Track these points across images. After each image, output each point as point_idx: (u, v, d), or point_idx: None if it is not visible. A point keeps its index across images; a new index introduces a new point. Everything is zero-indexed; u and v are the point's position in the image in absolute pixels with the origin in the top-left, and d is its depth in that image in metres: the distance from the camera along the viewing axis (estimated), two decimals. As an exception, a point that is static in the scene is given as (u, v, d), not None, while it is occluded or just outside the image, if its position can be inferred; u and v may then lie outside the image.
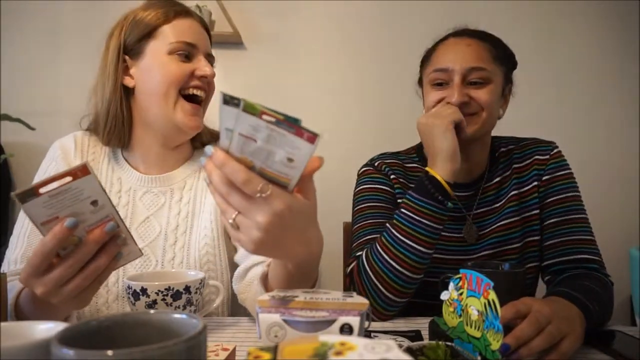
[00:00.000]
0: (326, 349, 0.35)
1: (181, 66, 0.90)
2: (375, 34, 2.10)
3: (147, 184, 0.97)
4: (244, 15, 2.07)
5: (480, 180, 1.03)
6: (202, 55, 0.93)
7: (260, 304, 0.54)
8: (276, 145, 0.49)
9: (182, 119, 0.91)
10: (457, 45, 0.96)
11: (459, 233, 1.00)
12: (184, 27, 0.92)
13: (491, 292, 0.59)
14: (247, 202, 0.51)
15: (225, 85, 2.08)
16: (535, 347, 0.60)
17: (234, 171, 0.49)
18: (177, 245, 0.94)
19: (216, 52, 1.31)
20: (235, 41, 2.07)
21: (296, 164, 0.50)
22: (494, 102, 0.95)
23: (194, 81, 0.91)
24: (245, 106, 0.47)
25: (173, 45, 0.90)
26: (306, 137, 0.48)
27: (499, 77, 0.96)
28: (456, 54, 0.94)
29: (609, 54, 2.07)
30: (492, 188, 1.03)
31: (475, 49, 0.95)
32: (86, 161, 0.56)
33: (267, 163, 0.51)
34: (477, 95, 0.93)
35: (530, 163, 1.02)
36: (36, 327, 0.48)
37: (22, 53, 2.07)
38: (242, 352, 0.68)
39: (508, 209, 1.00)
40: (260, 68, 2.10)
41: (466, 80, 0.94)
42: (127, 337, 0.42)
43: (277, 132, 0.48)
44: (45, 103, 2.05)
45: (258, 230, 0.52)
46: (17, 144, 1.99)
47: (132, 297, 0.76)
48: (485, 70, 0.93)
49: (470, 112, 0.94)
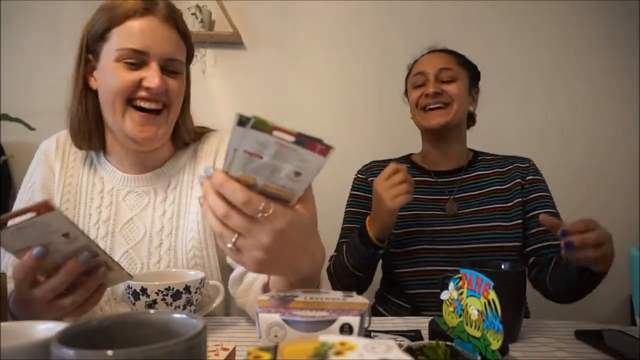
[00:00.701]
0: (326, 349, 0.35)
1: (126, 76, 0.82)
2: (376, 34, 2.10)
3: (130, 184, 0.94)
4: (244, 15, 2.07)
5: (460, 170, 1.22)
6: (155, 63, 0.83)
7: (260, 303, 0.54)
8: (284, 160, 0.47)
9: (131, 129, 0.84)
10: (429, 56, 1.24)
11: (442, 210, 1.17)
12: (135, 30, 0.82)
13: (491, 291, 0.59)
14: (247, 223, 0.48)
15: (225, 86, 2.09)
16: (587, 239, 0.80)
17: (234, 191, 0.47)
18: (163, 247, 0.90)
19: (216, 52, 1.31)
20: (235, 41, 2.07)
21: (304, 177, 0.49)
22: (462, 95, 1.18)
23: (141, 92, 0.83)
24: (255, 123, 0.44)
25: (118, 52, 0.82)
26: (319, 150, 0.47)
27: (465, 78, 1.20)
28: (429, 61, 1.22)
29: (608, 54, 2.07)
30: (471, 179, 1.21)
31: (443, 56, 1.22)
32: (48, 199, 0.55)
33: (271, 179, 0.49)
34: (447, 88, 1.17)
35: (512, 168, 1.21)
36: (36, 327, 0.48)
37: (22, 53, 2.07)
38: (242, 352, 0.68)
39: (489, 198, 1.17)
40: (260, 68, 2.10)
41: (438, 79, 1.18)
42: (127, 337, 0.42)
43: (288, 147, 0.46)
44: (45, 103, 2.04)
45: (261, 251, 0.50)
46: (17, 144, 1.99)
47: (132, 297, 0.76)
48: (452, 70, 1.18)
49: (443, 101, 1.16)
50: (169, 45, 0.84)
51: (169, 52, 0.85)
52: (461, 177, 1.21)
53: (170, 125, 0.90)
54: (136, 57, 0.82)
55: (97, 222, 0.92)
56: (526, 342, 0.76)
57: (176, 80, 0.87)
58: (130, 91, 0.83)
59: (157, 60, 0.83)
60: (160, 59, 0.84)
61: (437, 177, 1.22)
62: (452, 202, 1.17)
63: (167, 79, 0.85)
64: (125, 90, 0.83)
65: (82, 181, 0.96)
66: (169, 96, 0.86)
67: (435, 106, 1.17)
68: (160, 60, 0.84)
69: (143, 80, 0.82)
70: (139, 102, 0.84)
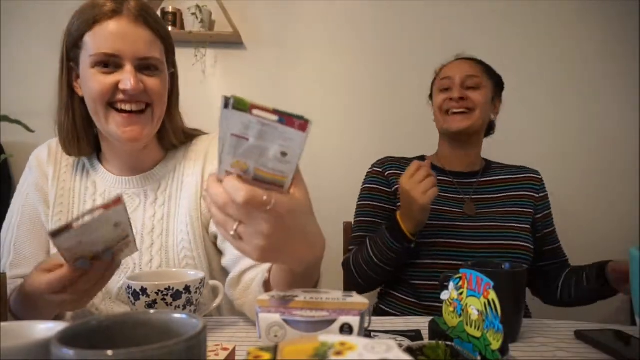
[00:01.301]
0: (326, 349, 0.35)
1: (102, 81, 0.81)
2: (376, 34, 2.10)
3: (121, 186, 0.95)
4: (244, 15, 2.07)
5: (476, 174, 1.26)
6: (129, 64, 0.82)
7: (260, 303, 0.54)
8: (269, 140, 0.48)
9: (115, 131, 0.84)
10: (457, 63, 1.28)
11: (460, 209, 1.19)
12: (105, 34, 0.81)
13: (491, 292, 0.59)
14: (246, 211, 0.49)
15: (225, 86, 2.09)
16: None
17: (236, 189, 0.48)
18: (154, 247, 0.91)
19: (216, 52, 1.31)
20: (235, 41, 2.07)
21: (290, 157, 0.50)
22: (485, 103, 1.21)
23: (119, 95, 0.82)
24: (235, 103, 0.46)
25: (92, 58, 0.81)
26: (297, 125, 0.48)
27: (489, 87, 1.24)
28: (457, 67, 1.25)
29: (608, 54, 2.07)
30: (487, 183, 1.25)
31: (471, 64, 1.26)
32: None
33: (261, 162, 0.50)
34: (472, 95, 1.20)
35: (525, 177, 1.26)
36: (36, 327, 0.48)
37: (22, 53, 2.07)
38: (242, 352, 0.68)
39: (505, 201, 1.21)
40: (260, 68, 2.10)
41: (464, 85, 1.21)
42: (127, 337, 0.42)
43: (269, 125, 0.47)
44: (45, 103, 2.04)
45: (262, 238, 0.50)
46: (17, 145, 1.99)
47: (132, 297, 0.76)
48: (478, 77, 1.22)
49: (466, 106, 1.20)
50: (141, 44, 0.83)
51: (142, 51, 0.83)
52: (478, 179, 1.25)
53: (156, 123, 0.89)
54: (109, 61, 0.82)
55: None
56: (526, 342, 0.76)
57: (155, 79, 0.86)
58: (108, 96, 0.83)
59: (131, 61, 0.82)
60: (134, 60, 0.83)
61: (454, 178, 1.25)
62: (469, 204, 1.20)
63: (145, 79, 0.84)
64: (103, 96, 0.82)
65: (75, 185, 0.96)
66: (149, 95, 0.85)
67: (458, 110, 1.20)
68: (134, 61, 0.83)
69: (119, 83, 0.82)
70: (120, 105, 0.84)
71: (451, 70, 1.24)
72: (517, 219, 1.17)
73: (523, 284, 0.79)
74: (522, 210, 1.20)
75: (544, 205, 1.24)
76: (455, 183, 1.24)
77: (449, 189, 1.22)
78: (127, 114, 0.84)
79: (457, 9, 2.07)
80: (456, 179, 1.24)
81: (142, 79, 0.84)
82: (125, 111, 0.84)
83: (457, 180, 1.24)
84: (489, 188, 1.23)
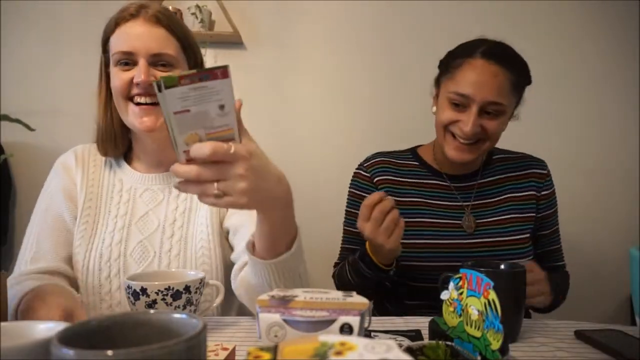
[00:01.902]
0: (326, 349, 0.35)
1: (121, 76, 0.91)
2: (376, 34, 2.10)
3: (146, 182, 1.02)
4: (244, 15, 2.07)
5: (475, 175, 1.14)
6: (143, 60, 0.89)
7: (260, 303, 0.54)
8: (205, 101, 0.54)
9: (133, 121, 0.92)
10: (483, 72, 0.98)
11: (458, 220, 1.09)
12: (124, 34, 0.90)
13: (491, 291, 0.59)
14: (220, 168, 0.58)
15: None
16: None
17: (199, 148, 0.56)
18: (174, 238, 0.97)
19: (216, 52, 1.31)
20: (235, 41, 2.07)
21: (227, 108, 0.55)
22: (501, 130, 1.04)
23: (134, 89, 0.90)
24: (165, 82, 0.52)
25: (114, 56, 0.91)
26: (220, 74, 0.53)
27: (512, 106, 1.04)
28: (481, 85, 0.97)
29: (608, 54, 2.07)
30: (487, 184, 1.13)
31: (500, 81, 0.98)
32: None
33: (207, 125, 0.56)
34: (488, 125, 1.00)
35: (528, 174, 1.14)
36: (36, 327, 0.48)
37: (22, 53, 2.07)
38: (242, 352, 0.68)
39: (505, 206, 1.11)
40: (260, 68, 2.10)
41: (483, 111, 0.99)
42: (127, 337, 0.42)
43: (199, 87, 0.53)
44: (45, 103, 2.05)
45: (241, 180, 0.59)
46: (17, 144, 1.99)
47: (132, 297, 0.76)
48: (502, 105, 0.99)
49: (477, 137, 1.02)
50: (154, 42, 0.90)
51: (155, 47, 0.90)
52: (477, 181, 1.13)
53: None
54: (127, 58, 0.90)
55: (115, 216, 0.99)
56: (526, 342, 0.76)
57: (168, 72, 0.92)
58: (126, 90, 0.91)
59: (145, 57, 0.89)
60: (147, 56, 0.89)
61: (451, 182, 1.12)
62: (469, 217, 1.08)
63: (158, 73, 0.91)
64: (122, 90, 0.90)
65: (103, 184, 1.03)
66: None
67: (465, 142, 1.02)
68: (148, 57, 0.90)
69: (133, 77, 0.90)
70: (136, 98, 0.91)
71: (473, 86, 0.97)
72: (518, 228, 1.09)
73: (523, 284, 0.79)
74: (523, 215, 1.10)
75: (546, 204, 1.13)
76: (452, 188, 1.12)
77: (447, 195, 1.12)
78: (142, 106, 0.91)
79: (458, 9, 2.07)
80: (454, 183, 1.13)
81: (155, 73, 0.91)
82: (141, 103, 0.91)
83: (455, 185, 1.13)
84: (489, 190, 1.13)
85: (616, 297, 2.03)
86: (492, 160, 1.17)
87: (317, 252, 1.60)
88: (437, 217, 1.09)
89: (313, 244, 1.75)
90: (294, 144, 2.07)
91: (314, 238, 1.91)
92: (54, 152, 1.94)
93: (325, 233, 1.90)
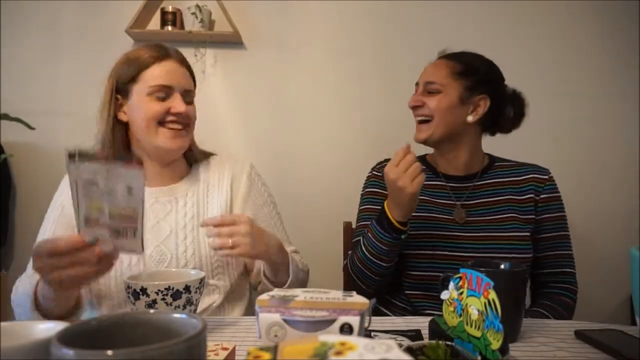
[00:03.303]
0: (326, 349, 0.35)
1: (158, 105, 1.04)
2: (376, 34, 2.09)
3: (154, 195, 1.10)
4: (244, 15, 2.07)
5: (473, 177, 1.20)
6: (179, 93, 1.06)
7: (260, 303, 0.54)
8: (114, 181, 0.63)
9: (164, 143, 1.06)
10: (431, 65, 1.22)
11: (450, 216, 1.16)
12: (162, 71, 1.05)
13: (491, 291, 0.59)
14: (231, 228, 0.88)
15: (225, 86, 2.09)
16: None
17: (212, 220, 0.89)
18: (188, 240, 1.06)
19: (216, 52, 1.30)
20: (235, 41, 2.07)
21: (135, 191, 0.64)
22: (443, 109, 1.14)
23: (170, 117, 1.05)
24: (80, 154, 0.62)
25: (151, 88, 1.04)
26: (135, 164, 0.64)
27: (454, 89, 1.15)
28: (425, 71, 1.21)
29: (608, 53, 2.07)
30: (484, 187, 1.19)
31: (438, 67, 1.18)
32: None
33: (114, 202, 0.64)
34: (428, 101, 1.15)
35: (528, 179, 1.19)
36: (36, 327, 0.48)
37: (21, 53, 2.07)
38: (242, 351, 0.68)
39: (505, 206, 1.15)
40: (260, 68, 2.10)
41: (425, 91, 1.16)
42: (127, 337, 0.42)
43: (112, 167, 0.63)
44: (44, 103, 2.04)
45: (247, 236, 0.89)
46: (17, 144, 1.99)
47: (132, 296, 0.76)
48: (436, 83, 1.15)
49: (425, 114, 1.15)
50: (185, 80, 1.09)
51: (186, 85, 1.09)
52: (473, 184, 1.19)
53: (190, 139, 1.14)
54: (164, 91, 1.05)
55: None
56: (526, 342, 0.76)
57: (192, 106, 1.11)
58: (161, 117, 1.05)
59: (180, 91, 1.07)
60: (181, 91, 1.07)
61: (447, 182, 1.20)
62: (459, 209, 1.15)
63: (185, 106, 1.07)
64: (157, 117, 1.05)
65: None
66: (189, 117, 1.10)
67: (420, 119, 1.17)
68: (181, 92, 1.07)
69: (171, 108, 1.05)
70: (169, 125, 1.06)
71: (422, 74, 1.20)
72: (515, 227, 1.12)
73: (523, 284, 0.79)
74: (523, 217, 1.13)
75: (544, 208, 1.16)
76: (447, 187, 1.19)
77: (441, 193, 1.18)
78: (175, 130, 1.07)
79: (458, 10, 2.07)
80: (449, 183, 1.19)
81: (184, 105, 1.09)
82: (174, 129, 1.07)
83: (450, 184, 1.19)
84: (485, 192, 1.17)
85: (616, 297, 2.02)
86: (494, 166, 1.23)
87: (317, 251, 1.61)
88: (429, 212, 1.16)
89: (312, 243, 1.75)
90: (293, 143, 2.07)
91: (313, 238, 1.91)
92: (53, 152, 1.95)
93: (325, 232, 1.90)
